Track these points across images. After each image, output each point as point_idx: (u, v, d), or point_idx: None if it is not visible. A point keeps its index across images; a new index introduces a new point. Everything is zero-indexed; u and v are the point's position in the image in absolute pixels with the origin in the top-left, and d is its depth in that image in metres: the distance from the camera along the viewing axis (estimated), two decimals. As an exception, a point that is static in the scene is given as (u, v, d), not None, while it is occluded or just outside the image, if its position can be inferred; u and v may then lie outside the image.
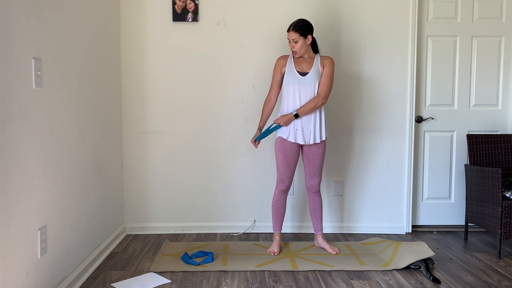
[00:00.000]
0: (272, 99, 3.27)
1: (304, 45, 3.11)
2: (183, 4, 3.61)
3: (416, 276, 2.83)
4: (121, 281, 2.71)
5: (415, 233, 3.80)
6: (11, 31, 1.92)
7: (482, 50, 3.80)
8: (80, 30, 2.74)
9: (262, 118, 3.31)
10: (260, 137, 3.29)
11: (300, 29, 3.07)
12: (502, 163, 3.62)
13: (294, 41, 3.10)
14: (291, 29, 3.09)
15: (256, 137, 3.29)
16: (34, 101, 2.12)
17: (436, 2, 3.75)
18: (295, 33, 3.08)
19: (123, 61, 3.66)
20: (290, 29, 3.09)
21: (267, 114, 3.30)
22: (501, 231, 3.15)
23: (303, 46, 3.11)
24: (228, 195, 3.77)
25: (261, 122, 3.31)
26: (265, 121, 3.31)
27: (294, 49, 3.11)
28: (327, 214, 3.77)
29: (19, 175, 1.98)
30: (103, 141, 3.19)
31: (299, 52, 3.12)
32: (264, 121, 3.31)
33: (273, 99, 3.27)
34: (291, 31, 3.09)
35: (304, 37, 3.09)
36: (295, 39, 3.09)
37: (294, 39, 3.09)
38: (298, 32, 3.07)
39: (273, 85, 3.25)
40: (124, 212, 3.74)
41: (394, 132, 3.75)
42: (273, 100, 3.27)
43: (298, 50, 3.11)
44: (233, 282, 2.72)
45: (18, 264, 1.99)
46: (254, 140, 3.29)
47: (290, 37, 3.10)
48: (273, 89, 3.25)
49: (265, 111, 3.29)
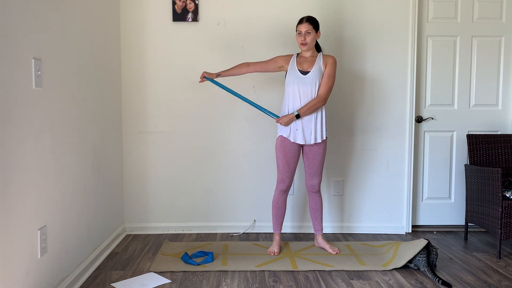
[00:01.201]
0: (250, 67, 3.25)
1: (314, 39, 3.12)
2: (183, 4, 3.61)
3: (416, 276, 2.83)
4: (121, 281, 2.71)
5: (415, 233, 3.80)
6: (11, 31, 1.92)
7: (482, 50, 3.80)
8: (80, 30, 2.74)
9: (228, 70, 3.27)
10: (215, 82, 3.26)
11: (314, 21, 3.10)
12: (502, 163, 3.62)
13: (307, 32, 3.08)
14: (305, 20, 3.09)
15: (210, 77, 3.25)
16: (34, 101, 2.12)
17: (436, 2, 3.75)
18: (309, 24, 3.08)
19: (123, 61, 3.66)
20: (304, 20, 3.10)
21: (234, 72, 3.26)
22: (501, 231, 3.15)
23: (313, 40, 3.12)
24: (228, 195, 3.77)
25: (224, 72, 3.27)
26: (226, 75, 3.27)
27: (306, 40, 3.09)
28: (327, 214, 3.77)
29: (19, 175, 1.98)
30: (103, 141, 3.19)
31: (310, 45, 3.11)
32: (226, 74, 3.27)
33: (250, 68, 3.25)
34: (304, 23, 3.09)
35: (315, 31, 3.11)
36: (309, 31, 3.08)
37: (308, 30, 3.08)
38: (312, 24, 3.09)
39: (262, 62, 3.25)
40: (124, 212, 3.74)
41: (394, 132, 3.75)
42: (250, 68, 3.25)
43: (310, 42, 3.10)
44: (233, 282, 2.72)
45: (18, 264, 1.99)
46: (205, 77, 3.25)
47: (303, 28, 3.09)
48: (258, 63, 3.25)
49: (235, 69, 3.27)
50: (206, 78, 3.26)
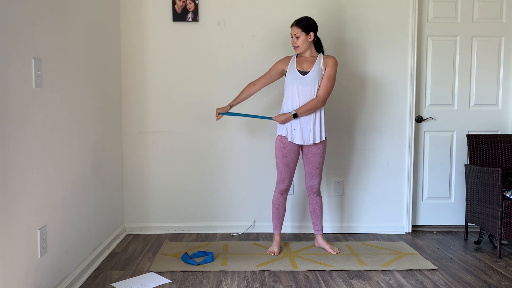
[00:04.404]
0: (256, 86, 3.26)
1: (306, 41, 3.12)
2: (183, 4, 3.61)
3: (416, 276, 2.83)
4: (121, 281, 2.71)
5: (415, 233, 3.80)
6: (11, 31, 1.92)
7: (482, 50, 3.80)
8: (80, 30, 2.74)
9: (238, 97, 3.27)
10: (229, 114, 3.26)
11: (303, 24, 3.10)
12: (502, 163, 3.62)
13: (296, 36, 3.11)
14: (294, 24, 3.12)
15: (224, 111, 3.25)
16: (34, 101, 2.12)
17: (436, 2, 3.75)
18: (298, 28, 3.10)
19: (123, 61, 3.66)
20: (293, 24, 3.13)
21: (244, 96, 3.27)
22: (501, 231, 3.15)
23: (305, 42, 3.12)
24: (228, 195, 3.77)
25: (235, 100, 3.28)
26: (238, 102, 3.28)
27: (296, 44, 3.12)
28: (327, 214, 3.77)
29: (19, 175, 1.98)
30: (103, 141, 3.19)
31: (301, 47, 3.13)
32: (238, 102, 3.28)
33: (257, 86, 3.26)
34: (293, 26, 3.12)
35: (306, 33, 3.10)
36: (297, 34, 3.10)
37: (296, 34, 3.11)
38: (300, 27, 3.10)
39: (265, 75, 3.26)
40: (124, 212, 3.74)
41: (394, 132, 3.75)
42: (256, 87, 3.26)
43: (300, 45, 3.11)
44: (233, 282, 2.72)
45: (18, 264, 1.99)
46: (220, 113, 3.25)
47: (292, 32, 3.13)
48: (262, 78, 3.26)
49: (244, 93, 3.27)
50: (221, 113, 3.26)
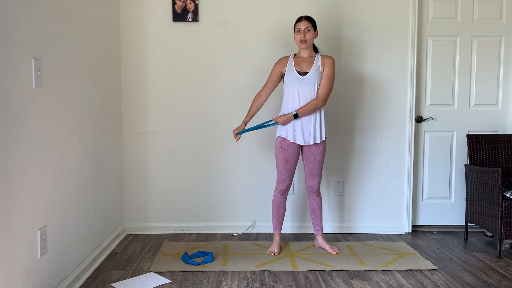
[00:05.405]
0: (263, 96, 3.27)
1: (313, 37, 3.15)
2: (183, 4, 3.61)
3: (416, 276, 2.83)
4: (121, 281, 2.71)
5: (415, 233, 3.80)
6: (11, 31, 1.92)
7: (482, 50, 3.80)
8: (80, 30, 2.74)
9: (249, 112, 3.29)
10: (245, 131, 3.27)
11: (312, 20, 3.14)
12: (502, 163, 3.62)
13: (306, 29, 3.11)
14: (304, 18, 3.13)
15: (239, 130, 3.26)
16: (34, 101, 2.12)
17: (436, 2, 3.75)
18: (308, 22, 3.12)
19: (123, 61, 3.66)
20: (303, 18, 3.14)
21: (255, 109, 3.28)
22: (501, 231, 3.15)
23: (312, 38, 3.15)
24: (228, 195, 3.77)
25: (247, 116, 3.29)
26: (251, 116, 3.29)
27: (305, 37, 3.11)
28: (327, 214, 3.77)
29: (19, 175, 1.98)
30: (103, 141, 3.19)
31: (309, 42, 3.13)
32: (251, 116, 3.29)
33: (264, 96, 3.26)
34: (303, 20, 3.12)
35: (314, 29, 3.14)
36: (308, 28, 3.11)
37: (307, 28, 3.11)
38: (310, 22, 3.13)
39: (268, 83, 3.26)
40: (124, 212, 3.74)
41: (394, 132, 3.75)
42: (264, 97, 3.27)
43: (309, 39, 3.12)
44: (233, 282, 2.72)
45: (18, 264, 1.99)
46: (237, 133, 3.27)
47: (303, 25, 3.11)
48: (266, 86, 3.26)
49: (254, 106, 3.28)
50: (239, 133, 3.26)
